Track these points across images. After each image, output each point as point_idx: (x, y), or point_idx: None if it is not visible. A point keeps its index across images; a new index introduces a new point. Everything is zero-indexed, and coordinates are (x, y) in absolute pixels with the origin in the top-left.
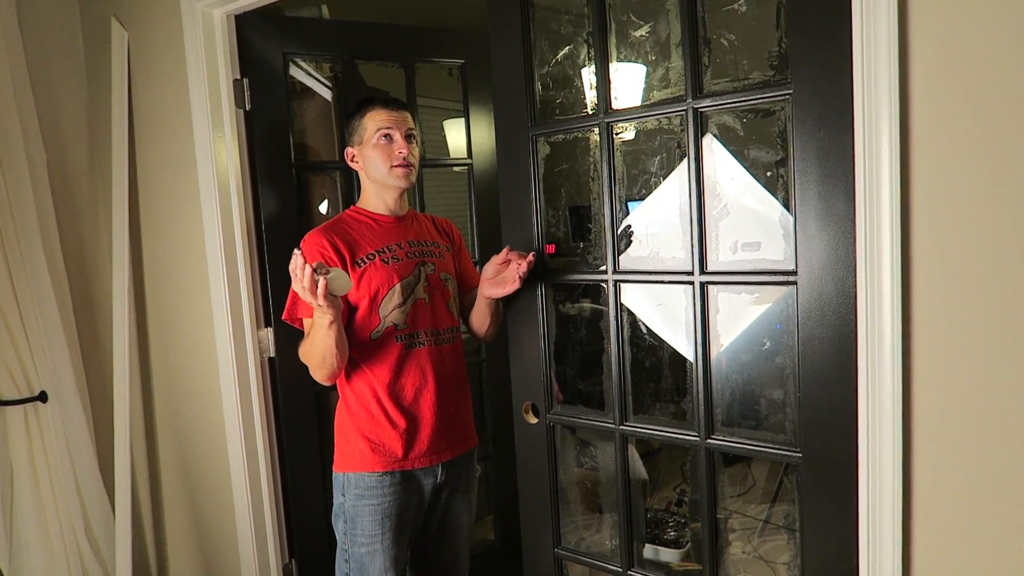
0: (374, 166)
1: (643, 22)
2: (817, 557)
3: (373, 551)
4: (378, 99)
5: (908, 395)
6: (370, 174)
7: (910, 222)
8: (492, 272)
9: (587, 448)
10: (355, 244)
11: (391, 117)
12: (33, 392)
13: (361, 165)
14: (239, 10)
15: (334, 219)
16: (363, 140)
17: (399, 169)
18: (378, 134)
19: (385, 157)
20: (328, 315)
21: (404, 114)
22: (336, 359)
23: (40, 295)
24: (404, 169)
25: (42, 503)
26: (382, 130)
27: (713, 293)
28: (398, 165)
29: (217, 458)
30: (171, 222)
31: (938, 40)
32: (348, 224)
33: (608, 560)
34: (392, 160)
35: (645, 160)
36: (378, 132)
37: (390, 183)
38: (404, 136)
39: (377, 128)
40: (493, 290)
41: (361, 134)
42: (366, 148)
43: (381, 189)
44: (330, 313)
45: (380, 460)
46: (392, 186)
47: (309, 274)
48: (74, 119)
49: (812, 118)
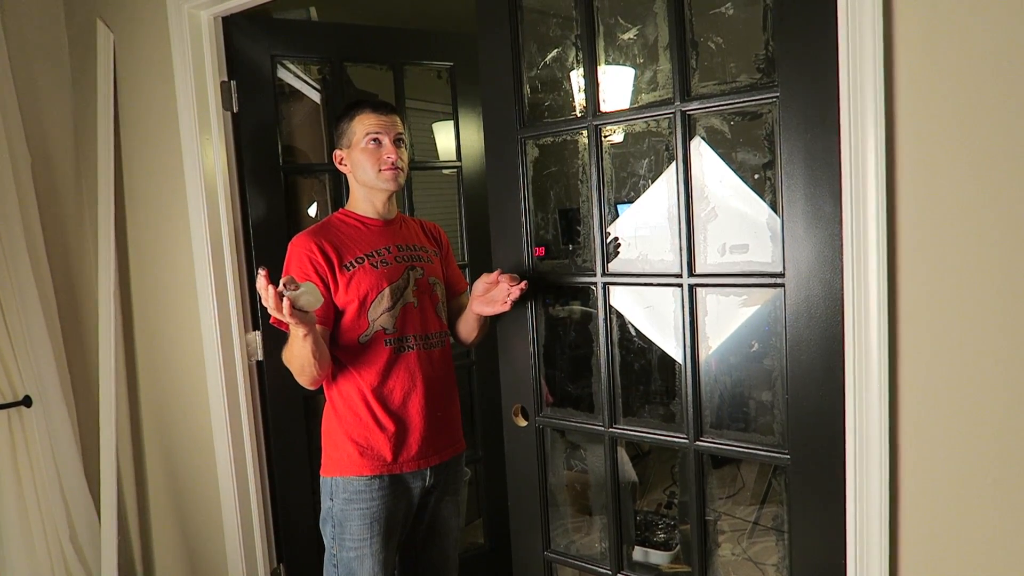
0: (362, 170)
1: (631, 25)
2: (805, 558)
3: (362, 555)
4: (367, 102)
5: (895, 396)
6: (358, 177)
7: (896, 223)
8: (482, 290)
9: (577, 451)
10: (343, 248)
11: (380, 121)
12: (17, 397)
13: (349, 168)
14: (226, 12)
15: (323, 222)
16: (351, 143)
17: (387, 172)
18: (367, 138)
19: (373, 161)
20: (301, 329)
21: (393, 118)
22: (315, 368)
23: (24, 299)
24: (392, 172)
25: (26, 508)
26: (371, 134)
27: (702, 295)
28: (386, 169)
29: (204, 463)
30: (158, 225)
31: (923, 42)
32: (337, 227)
33: (598, 563)
34: (380, 164)
35: (634, 163)
36: (367, 136)
37: (379, 187)
38: (393, 140)
39: (366, 132)
40: (482, 308)
41: (350, 137)
42: (354, 152)
43: (369, 192)
44: (303, 327)
45: (368, 464)
46: (381, 189)
47: (272, 295)
48: (59, 122)
49: (799, 120)
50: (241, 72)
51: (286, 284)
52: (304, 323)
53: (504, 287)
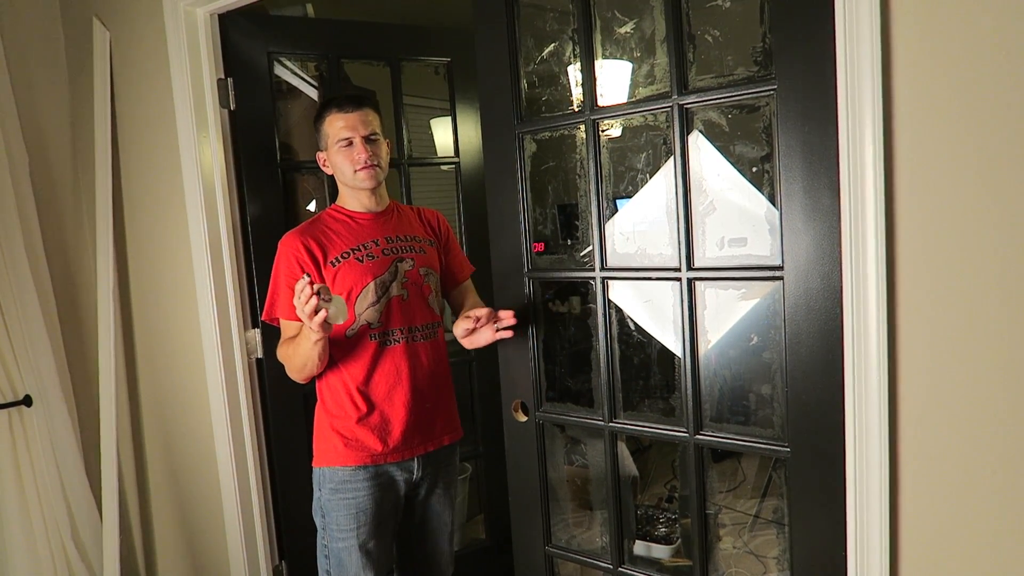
0: (340, 170)
1: (628, 18)
2: (806, 551)
3: (349, 546)
4: (334, 102)
5: (894, 388)
6: (339, 177)
7: (894, 215)
8: (462, 332)
9: (577, 445)
10: (329, 244)
11: (347, 122)
12: (17, 396)
13: (331, 169)
14: (222, 9)
15: (312, 219)
16: (327, 145)
17: (363, 172)
18: (338, 141)
19: (348, 162)
20: (318, 334)
21: (362, 113)
22: (316, 367)
23: (23, 298)
24: (368, 171)
25: (27, 507)
26: (341, 137)
27: (700, 289)
28: (361, 169)
29: (205, 460)
30: (156, 223)
31: (920, 33)
32: (325, 223)
33: (599, 557)
34: (355, 164)
35: (632, 157)
36: (338, 140)
37: (357, 185)
38: (364, 139)
39: (336, 135)
40: (469, 344)
41: (325, 139)
42: (331, 153)
43: (352, 190)
44: (321, 336)
45: (353, 455)
46: (361, 188)
47: (313, 303)
48: (56, 120)
49: (796, 113)
50: (238, 69)
51: (320, 292)
52: (324, 332)
53: (487, 333)
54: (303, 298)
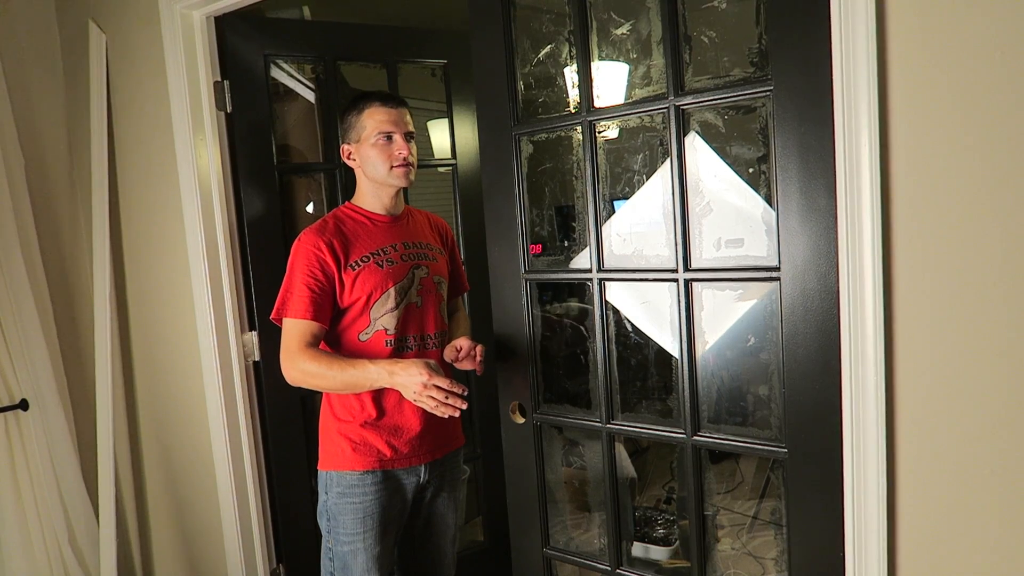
0: (373, 166)
1: (624, 20)
2: (804, 552)
3: (355, 550)
4: (376, 95)
5: (891, 389)
6: (368, 173)
7: (890, 215)
8: (451, 357)
9: (575, 447)
10: (350, 246)
11: (390, 116)
12: (14, 400)
13: (358, 163)
14: (218, 11)
15: (328, 216)
16: (361, 138)
17: (399, 170)
18: (377, 134)
19: (385, 157)
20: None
21: (403, 111)
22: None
23: (20, 302)
24: (404, 169)
25: (24, 512)
26: (382, 130)
27: (697, 290)
28: (398, 166)
29: (202, 464)
30: (152, 226)
31: (916, 34)
32: (343, 223)
33: (597, 559)
34: (392, 160)
35: (628, 158)
36: (377, 132)
37: (389, 183)
38: (404, 136)
39: (376, 128)
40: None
41: (359, 132)
42: (364, 147)
43: (379, 188)
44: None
45: (361, 460)
46: (391, 185)
47: (456, 401)
48: (52, 123)
49: (793, 114)
50: (234, 72)
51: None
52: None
53: (467, 364)
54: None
